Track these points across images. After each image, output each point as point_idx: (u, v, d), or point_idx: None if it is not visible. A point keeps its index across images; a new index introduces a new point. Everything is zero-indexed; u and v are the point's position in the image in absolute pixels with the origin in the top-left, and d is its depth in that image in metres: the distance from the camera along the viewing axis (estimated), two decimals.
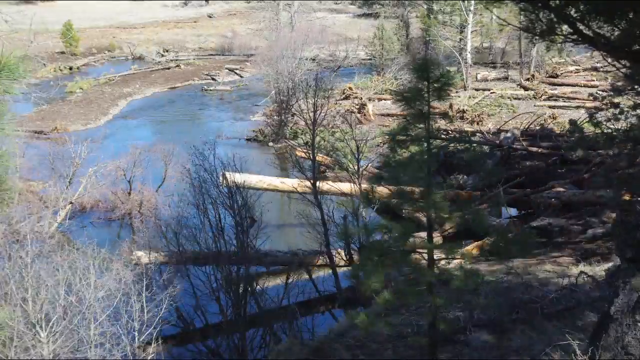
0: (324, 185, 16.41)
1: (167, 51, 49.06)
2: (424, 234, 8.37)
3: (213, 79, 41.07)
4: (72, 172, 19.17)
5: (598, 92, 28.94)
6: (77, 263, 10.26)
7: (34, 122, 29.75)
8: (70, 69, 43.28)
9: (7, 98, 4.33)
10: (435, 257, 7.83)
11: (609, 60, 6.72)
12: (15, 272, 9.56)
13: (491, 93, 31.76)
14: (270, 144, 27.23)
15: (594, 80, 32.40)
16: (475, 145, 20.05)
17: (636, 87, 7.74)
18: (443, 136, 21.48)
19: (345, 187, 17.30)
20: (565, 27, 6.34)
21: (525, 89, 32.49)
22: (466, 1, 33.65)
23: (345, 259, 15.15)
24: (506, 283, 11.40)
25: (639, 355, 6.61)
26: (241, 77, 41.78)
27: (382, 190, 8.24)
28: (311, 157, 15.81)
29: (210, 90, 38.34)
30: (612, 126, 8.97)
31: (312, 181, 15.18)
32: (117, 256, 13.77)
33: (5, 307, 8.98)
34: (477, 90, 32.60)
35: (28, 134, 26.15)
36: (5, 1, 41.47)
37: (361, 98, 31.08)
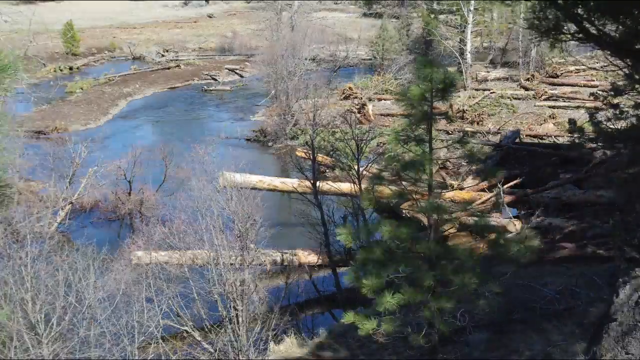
0: (324, 185, 16.41)
1: (167, 51, 49.04)
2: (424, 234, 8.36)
3: (214, 79, 41.06)
4: (72, 172, 19.17)
5: (598, 92, 28.93)
6: (77, 263, 10.25)
7: (34, 122, 29.74)
8: (70, 69, 43.25)
9: (7, 98, 4.32)
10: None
11: (611, 59, 6.73)
12: (15, 272, 9.55)
13: (491, 93, 31.75)
14: (270, 144, 27.22)
15: (594, 80, 32.39)
16: (475, 144, 20.05)
17: (637, 86, 7.73)
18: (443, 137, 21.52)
19: (345, 187, 17.30)
20: (571, 25, 6.35)
21: (526, 89, 32.49)
22: (467, 1, 33.63)
23: (345, 259, 15.15)
24: (506, 283, 11.38)
25: (639, 355, 6.61)
26: (241, 77, 41.80)
27: (383, 190, 8.23)
28: (311, 157, 15.81)
29: (211, 90, 38.34)
30: (612, 126, 8.96)
31: (312, 181, 15.18)
32: (117, 256, 13.77)
33: (5, 307, 8.98)
34: (477, 90, 32.59)
35: (28, 134, 26.14)
36: (6, 1, 41.50)
37: (361, 98, 31.07)
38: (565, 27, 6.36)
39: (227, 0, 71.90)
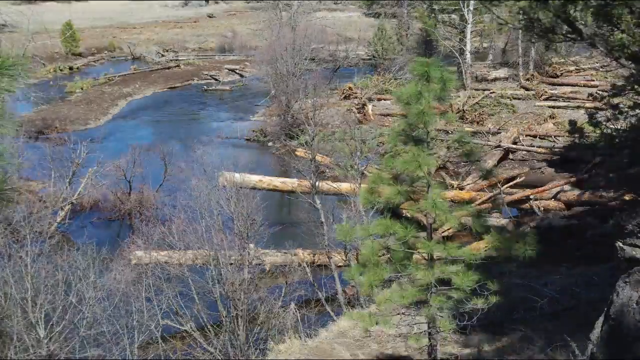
0: (324, 185, 16.41)
1: (167, 51, 49.02)
2: (423, 233, 8.36)
3: (214, 79, 41.06)
4: (72, 172, 19.17)
5: (598, 92, 28.92)
6: (77, 263, 10.26)
7: (34, 122, 29.70)
8: (70, 69, 43.22)
9: (7, 98, 4.32)
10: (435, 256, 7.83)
11: (608, 59, 6.73)
12: (15, 272, 9.55)
13: (491, 93, 31.72)
14: (270, 144, 27.21)
15: (594, 80, 32.38)
16: (475, 144, 20.05)
17: (636, 87, 7.74)
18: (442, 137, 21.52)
19: (345, 187, 17.29)
20: (564, 26, 6.35)
21: (525, 89, 32.47)
22: (466, 1, 33.61)
23: (345, 259, 15.13)
24: (506, 283, 11.39)
25: (639, 356, 6.60)
26: (241, 77, 41.81)
27: (383, 190, 8.23)
28: (311, 157, 15.81)
29: (210, 90, 38.33)
30: (612, 126, 8.97)
31: (312, 181, 15.18)
32: (117, 256, 13.77)
33: (5, 307, 8.98)
34: (477, 90, 32.55)
35: (28, 134, 26.09)
36: (6, 1, 41.49)
37: (361, 98, 31.07)
38: (559, 28, 6.36)
39: (227, 0, 71.90)
